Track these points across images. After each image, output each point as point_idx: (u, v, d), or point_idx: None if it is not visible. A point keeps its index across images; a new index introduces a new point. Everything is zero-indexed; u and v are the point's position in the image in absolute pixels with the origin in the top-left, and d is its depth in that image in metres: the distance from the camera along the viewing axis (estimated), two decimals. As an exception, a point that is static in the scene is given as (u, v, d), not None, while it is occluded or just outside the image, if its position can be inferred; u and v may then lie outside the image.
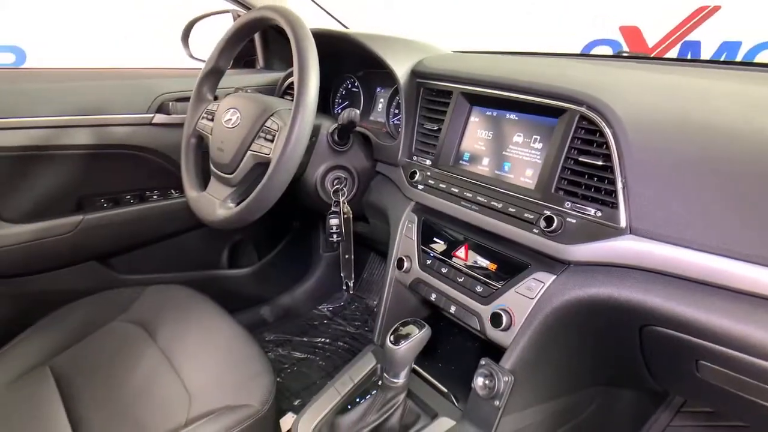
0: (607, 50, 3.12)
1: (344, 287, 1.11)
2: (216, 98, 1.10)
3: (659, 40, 3.01)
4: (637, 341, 0.70)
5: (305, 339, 1.60)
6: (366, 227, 1.23)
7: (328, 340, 1.60)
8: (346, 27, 1.50)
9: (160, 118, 1.28)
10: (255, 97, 1.01)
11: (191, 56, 1.43)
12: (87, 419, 0.82)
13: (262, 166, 0.89)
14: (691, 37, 2.89)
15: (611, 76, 0.81)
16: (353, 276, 1.08)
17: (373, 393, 0.84)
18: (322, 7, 1.44)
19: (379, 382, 0.79)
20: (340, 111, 1.32)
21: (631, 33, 3.07)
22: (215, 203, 0.97)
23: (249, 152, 0.93)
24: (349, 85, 1.32)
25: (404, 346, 0.75)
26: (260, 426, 0.84)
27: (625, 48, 3.08)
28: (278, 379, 1.42)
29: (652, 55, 1.05)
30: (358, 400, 0.86)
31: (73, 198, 1.23)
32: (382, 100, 1.24)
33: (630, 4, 2.74)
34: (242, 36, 1.04)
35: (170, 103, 1.28)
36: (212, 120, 1.04)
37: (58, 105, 1.15)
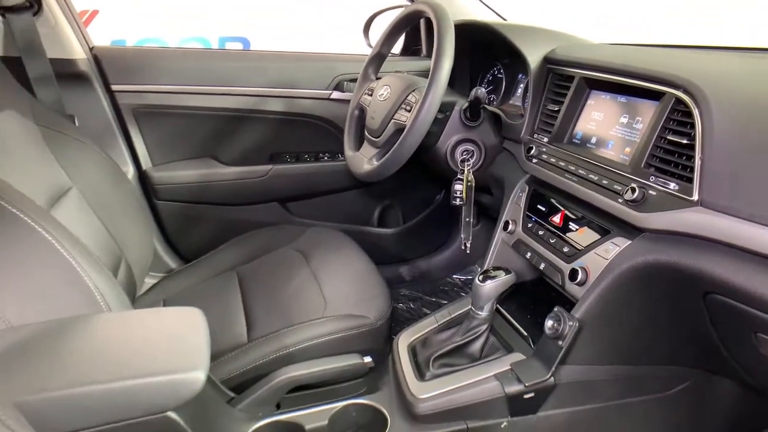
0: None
1: (463, 246, 1.27)
2: (379, 78, 1.34)
3: None
4: (705, 311, 0.74)
5: (434, 299, 1.79)
6: (490, 199, 1.37)
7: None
8: (504, 19, 1.63)
9: (336, 94, 1.57)
10: (404, 76, 1.22)
11: (369, 45, 1.70)
12: (255, 308, 1.13)
13: (400, 132, 1.10)
14: None
15: (708, 63, 0.84)
16: (471, 237, 1.24)
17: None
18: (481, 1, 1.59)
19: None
20: (484, 95, 1.47)
21: None
22: (363, 160, 1.21)
23: (392, 120, 1.14)
24: (495, 72, 1.46)
25: (489, 284, 0.90)
26: (372, 335, 1.06)
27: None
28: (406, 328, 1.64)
29: (744, 45, 1.02)
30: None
31: (267, 152, 1.60)
32: (521, 86, 1.36)
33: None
34: (402, 26, 1.26)
35: (345, 83, 1.56)
36: (371, 95, 1.28)
37: (262, 78, 1.50)
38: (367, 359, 1.03)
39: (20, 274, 0.73)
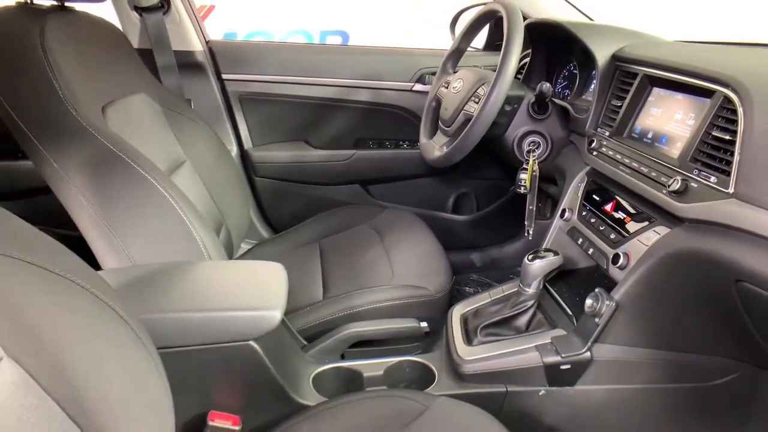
0: None
1: (526, 233, 1.34)
2: (455, 72, 1.44)
3: None
4: (737, 298, 0.78)
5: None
6: (556, 190, 1.42)
7: (521, 291, 1.83)
8: (591, 19, 1.65)
9: (418, 86, 1.70)
10: (477, 70, 1.31)
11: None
12: (331, 274, 1.28)
13: (468, 121, 1.19)
14: None
15: (756, 61, 0.85)
16: (533, 224, 1.31)
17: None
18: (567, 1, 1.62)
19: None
20: (559, 90, 1.52)
21: None
22: (434, 147, 1.32)
23: (463, 111, 1.24)
24: (572, 68, 1.50)
25: (536, 263, 0.98)
26: (430, 305, 1.17)
27: None
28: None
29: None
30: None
31: (352, 137, 1.76)
32: (595, 82, 1.39)
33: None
34: (479, 24, 1.35)
35: (427, 76, 1.68)
36: (447, 88, 1.38)
37: (352, 71, 1.66)
38: (423, 324, 1.15)
39: (144, 223, 0.93)
